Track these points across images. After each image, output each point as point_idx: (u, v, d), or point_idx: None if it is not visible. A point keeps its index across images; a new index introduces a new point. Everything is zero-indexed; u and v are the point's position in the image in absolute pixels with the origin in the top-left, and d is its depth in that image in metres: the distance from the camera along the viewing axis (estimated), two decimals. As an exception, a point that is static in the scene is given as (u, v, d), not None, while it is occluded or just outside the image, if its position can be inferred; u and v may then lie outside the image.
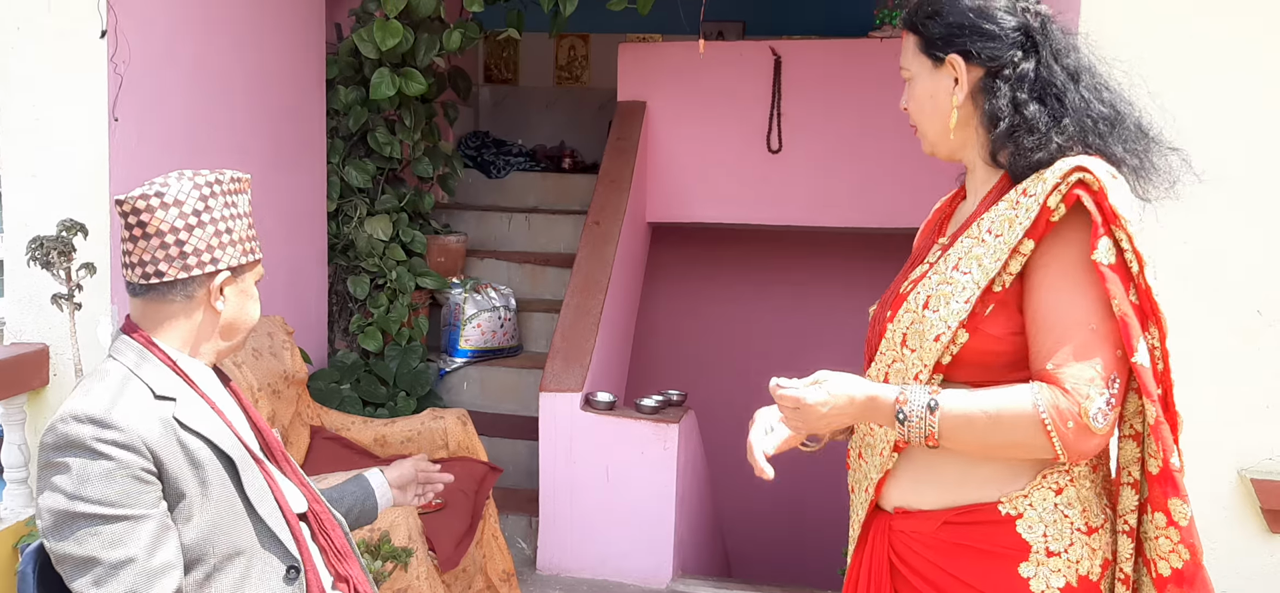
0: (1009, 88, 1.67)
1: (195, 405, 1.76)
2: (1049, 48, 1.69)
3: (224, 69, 3.85)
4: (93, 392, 1.69)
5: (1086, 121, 1.65)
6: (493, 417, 5.04)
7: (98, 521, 1.61)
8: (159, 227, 1.74)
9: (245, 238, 1.83)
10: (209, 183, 1.78)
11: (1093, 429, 1.53)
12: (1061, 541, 1.63)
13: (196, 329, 1.80)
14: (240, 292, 1.83)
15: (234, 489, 1.75)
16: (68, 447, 1.63)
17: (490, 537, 3.83)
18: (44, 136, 3.23)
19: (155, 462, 1.66)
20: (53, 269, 2.93)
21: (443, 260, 5.33)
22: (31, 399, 3.28)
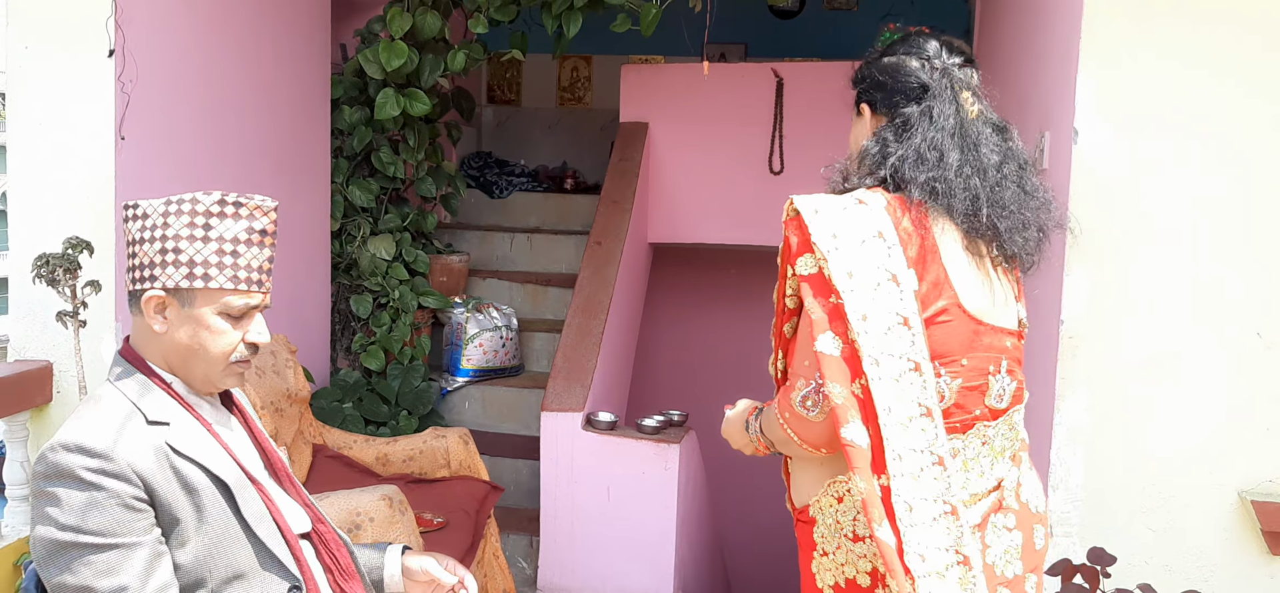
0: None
1: (189, 430, 1.75)
2: (943, 100, 1.89)
3: (230, 88, 3.87)
4: (84, 419, 1.68)
5: (908, 156, 1.86)
6: (494, 436, 5.05)
7: (90, 550, 1.60)
8: (127, 235, 1.76)
9: (205, 263, 1.71)
10: (182, 201, 1.73)
11: (804, 417, 1.80)
12: (832, 543, 1.86)
13: (159, 347, 1.77)
14: (189, 318, 1.73)
15: (231, 512, 1.74)
16: (58, 477, 1.62)
17: (491, 556, 3.83)
18: (51, 154, 3.25)
19: (147, 489, 1.65)
20: (58, 287, 2.94)
21: (445, 280, 5.34)
22: (34, 416, 3.28)
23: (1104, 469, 2.63)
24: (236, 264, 1.74)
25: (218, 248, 1.72)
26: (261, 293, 1.78)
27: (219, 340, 1.75)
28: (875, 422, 1.72)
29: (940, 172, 1.84)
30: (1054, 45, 2.90)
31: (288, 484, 1.90)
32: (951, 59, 1.95)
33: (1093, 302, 2.59)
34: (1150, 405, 2.60)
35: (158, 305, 1.73)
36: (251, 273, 1.75)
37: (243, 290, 1.75)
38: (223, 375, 1.80)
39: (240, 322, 1.77)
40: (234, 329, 1.76)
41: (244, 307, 1.76)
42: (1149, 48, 2.54)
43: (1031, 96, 3.23)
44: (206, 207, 1.73)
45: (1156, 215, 2.56)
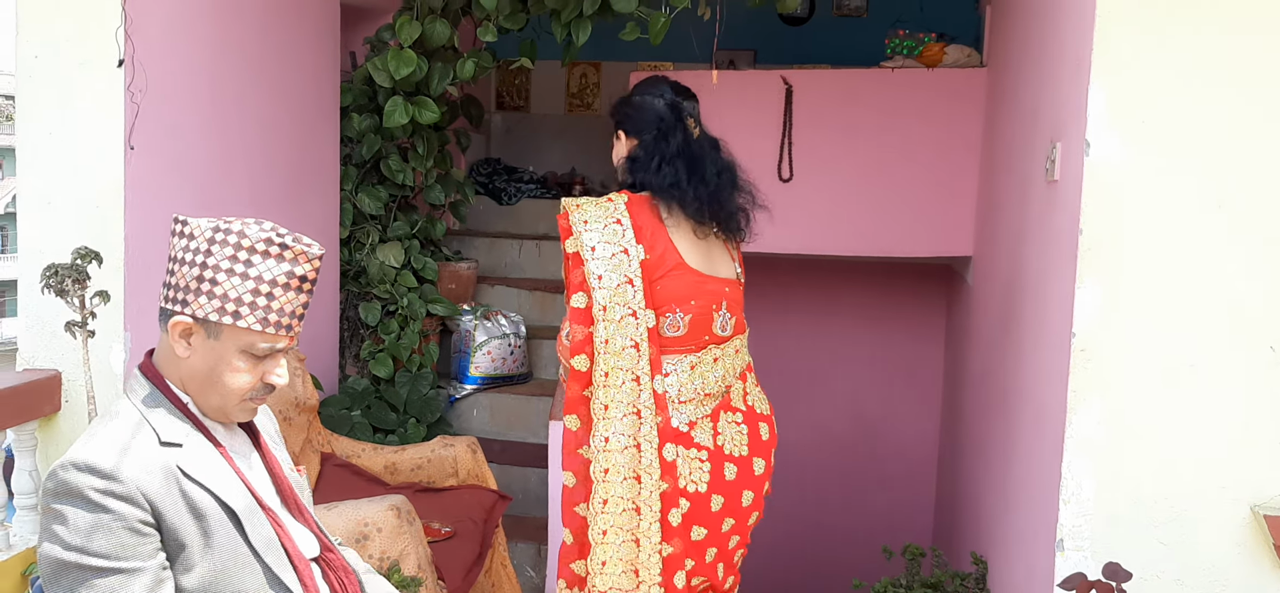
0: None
1: (201, 453, 1.75)
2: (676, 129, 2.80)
3: (239, 97, 3.88)
4: (97, 437, 1.68)
5: (650, 173, 2.76)
6: (502, 444, 5.04)
7: (93, 573, 1.60)
8: (171, 249, 1.75)
9: (238, 301, 1.71)
10: (229, 231, 1.72)
11: (565, 346, 2.72)
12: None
13: (179, 370, 1.77)
14: (212, 350, 1.73)
15: (239, 538, 1.74)
16: (66, 496, 1.62)
17: (499, 565, 3.82)
18: (60, 164, 3.26)
19: (154, 513, 1.65)
20: (67, 297, 2.95)
21: (453, 287, 5.34)
22: (43, 426, 3.29)
23: (1115, 483, 2.61)
24: (269, 307, 1.73)
25: (254, 287, 1.72)
26: (288, 337, 1.77)
27: (238, 378, 1.76)
28: (591, 350, 2.65)
29: (675, 182, 2.74)
30: (1066, 55, 2.88)
31: (295, 512, 1.89)
32: (679, 97, 2.84)
33: (1104, 314, 2.58)
34: (1162, 418, 2.58)
35: (184, 331, 1.73)
36: (282, 317, 1.75)
37: (270, 334, 1.74)
38: (236, 409, 1.80)
39: (262, 362, 1.77)
40: (254, 369, 1.76)
41: (268, 349, 1.76)
42: (1162, 58, 2.52)
43: (1042, 107, 3.21)
44: (252, 242, 1.72)
45: (1169, 227, 2.54)
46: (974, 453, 4.48)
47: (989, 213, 4.46)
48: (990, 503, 3.81)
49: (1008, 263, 3.76)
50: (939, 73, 5.04)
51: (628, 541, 2.70)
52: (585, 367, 2.66)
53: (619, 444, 2.67)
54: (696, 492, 2.73)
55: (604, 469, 2.68)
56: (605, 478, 2.68)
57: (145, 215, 3.33)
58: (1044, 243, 3.03)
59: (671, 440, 2.71)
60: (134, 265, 3.28)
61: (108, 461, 1.63)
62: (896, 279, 6.44)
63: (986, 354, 4.27)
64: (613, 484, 2.68)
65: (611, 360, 2.64)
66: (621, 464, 2.67)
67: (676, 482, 2.71)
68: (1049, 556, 2.70)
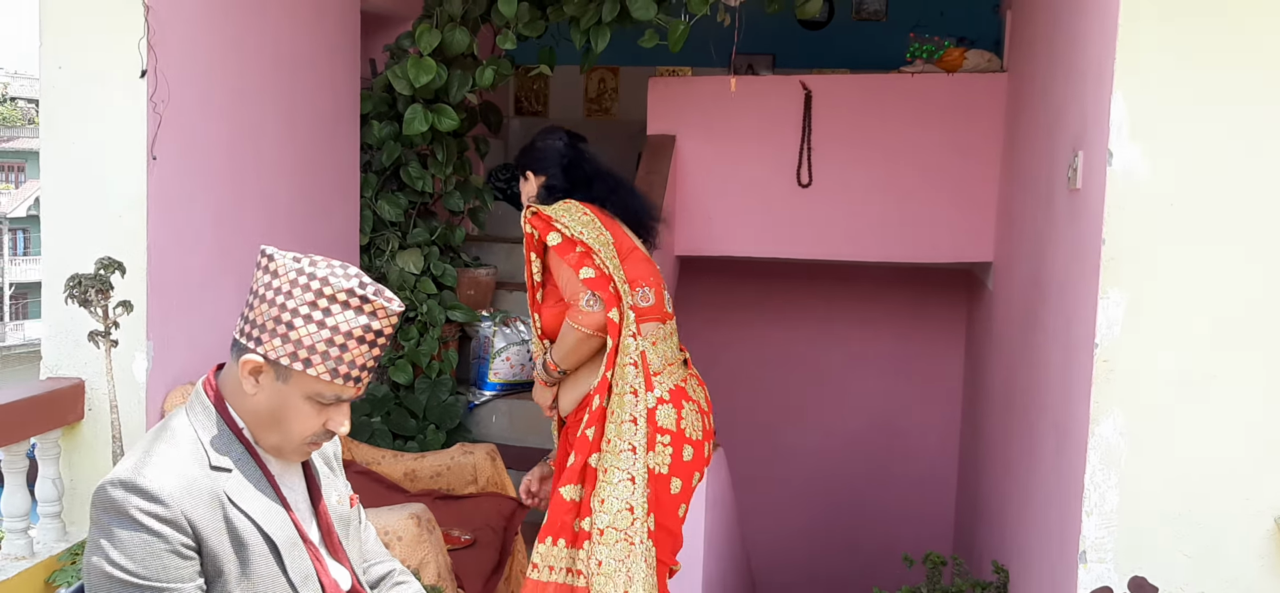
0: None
1: (250, 481, 1.75)
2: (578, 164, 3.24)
3: (261, 107, 3.89)
4: (149, 456, 1.69)
5: (579, 183, 3.19)
6: (521, 450, 5.04)
7: (134, 589, 1.62)
8: (253, 284, 1.75)
9: (311, 348, 1.69)
10: (314, 276, 1.71)
11: (590, 311, 2.95)
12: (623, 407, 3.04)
13: (243, 403, 1.77)
14: (278, 392, 1.73)
15: (278, 570, 1.74)
16: (112, 512, 1.63)
17: (519, 573, 3.82)
18: (83, 174, 3.28)
19: (196, 537, 1.66)
20: (90, 307, 2.96)
21: (472, 293, 5.35)
22: (66, 434, 3.31)
23: (1139, 494, 2.59)
24: (341, 358, 1.71)
25: (329, 336, 1.70)
26: (356, 389, 1.76)
27: (301, 423, 1.75)
28: (621, 307, 2.97)
29: (613, 188, 3.23)
30: (1088, 63, 2.87)
31: (334, 548, 1.90)
32: (573, 139, 3.30)
33: (1127, 324, 2.56)
34: (1186, 429, 2.57)
35: (253, 369, 1.72)
36: (353, 369, 1.73)
37: (338, 385, 1.72)
38: (294, 451, 1.80)
39: (326, 409, 1.76)
40: (318, 415, 1.75)
41: (335, 398, 1.75)
42: (1185, 68, 2.51)
43: (1064, 114, 3.19)
44: (333, 291, 1.70)
45: (1191, 237, 2.52)
46: (995, 461, 4.46)
47: (1010, 219, 4.44)
48: (1012, 512, 3.79)
49: (1029, 270, 3.73)
50: (959, 78, 5.02)
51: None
52: (618, 318, 2.96)
53: (625, 389, 3.02)
54: (660, 473, 3.02)
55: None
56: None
57: (167, 225, 3.34)
58: (1066, 252, 3.02)
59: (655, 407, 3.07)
60: (156, 275, 3.29)
61: (155, 482, 1.64)
62: (916, 285, 6.42)
63: (1007, 361, 4.25)
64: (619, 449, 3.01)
65: (626, 318, 3.00)
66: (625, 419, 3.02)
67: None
68: (1071, 567, 2.68)
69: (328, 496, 1.92)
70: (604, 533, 2.93)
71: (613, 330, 2.96)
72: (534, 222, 3.04)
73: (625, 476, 2.95)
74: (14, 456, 3.14)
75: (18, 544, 3.11)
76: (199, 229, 3.54)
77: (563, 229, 3.00)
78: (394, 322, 1.76)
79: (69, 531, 3.27)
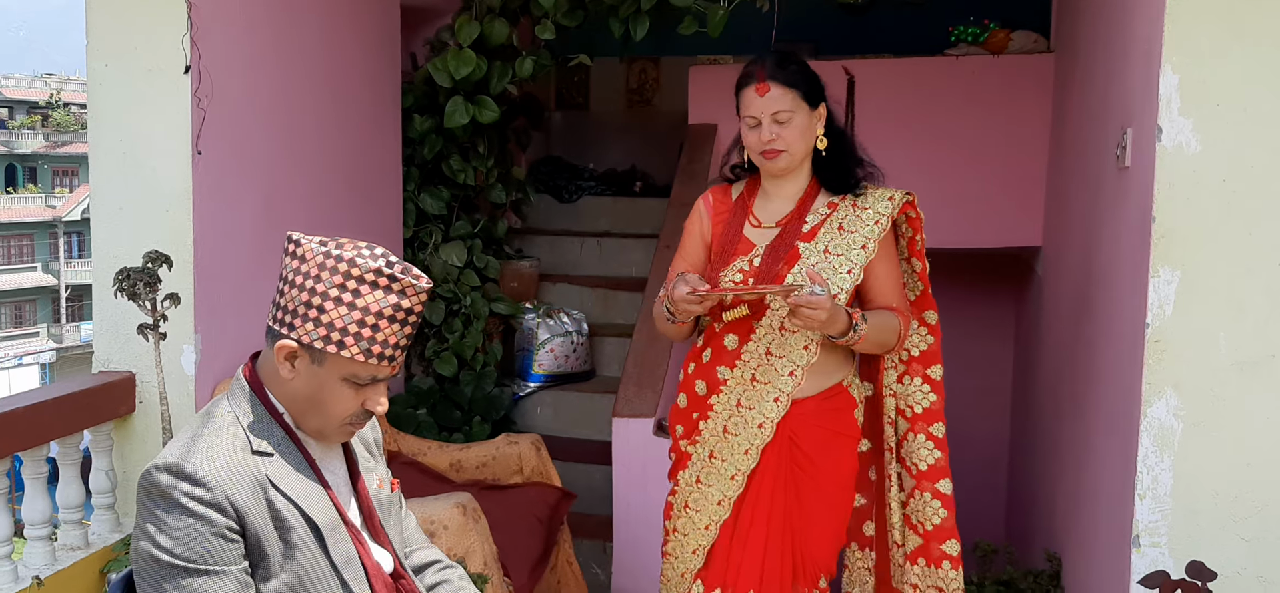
0: (832, 130, 2.71)
1: (291, 465, 1.77)
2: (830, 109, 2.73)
3: (303, 101, 3.93)
4: (194, 441, 1.71)
5: (855, 153, 2.75)
6: (566, 441, 5.05)
7: (180, 573, 1.65)
8: (282, 270, 1.77)
9: (344, 330, 1.71)
10: (341, 257, 1.72)
11: (911, 330, 2.76)
12: (861, 394, 2.78)
13: (281, 389, 1.79)
14: (315, 375, 1.75)
15: (320, 553, 1.76)
16: (159, 497, 1.66)
17: (565, 563, 3.83)
18: (130, 170, 3.32)
19: (240, 520, 1.69)
20: (139, 300, 3.00)
21: (516, 286, 5.36)
22: (118, 427, 3.36)
23: (1193, 477, 2.54)
24: (373, 337, 1.73)
25: (360, 317, 1.72)
26: (390, 368, 1.77)
27: (339, 404, 1.77)
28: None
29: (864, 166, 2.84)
30: (1136, 39, 2.81)
31: (377, 531, 1.91)
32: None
33: (1179, 303, 2.51)
34: (1241, 409, 2.51)
35: (288, 354, 1.74)
36: (386, 348, 1.74)
37: (373, 364, 1.74)
38: (335, 432, 1.83)
39: (362, 389, 1.78)
40: (355, 396, 1.78)
41: (371, 378, 1.76)
42: (1235, 40, 2.45)
43: (1113, 92, 3.13)
44: (361, 271, 1.72)
45: (1245, 213, 2.46)
46: (1046, 448, 4.39)
47: (1058, 202, 4.37)
48: (1063, 499, 3.73)
49: (1079, 253, 3.67)
50: (1005, 60, 4.95)
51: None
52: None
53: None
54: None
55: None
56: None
57: (213, 219, 3.38)
58: (1116, 231, 2.96)
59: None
60: (203, 268, 3.33)
61: (200, 467, 1.66)
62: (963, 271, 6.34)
63: (1058, 347, 4.18)
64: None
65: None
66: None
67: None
68: (1125, 552, 2.64)
69: (368, 479, 1.94)
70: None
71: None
72: (910, 211, 2.77)
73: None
74: (68, 449, 3.19)
75: (73, 535, 3.16)
76: (244, 223, 3.57)
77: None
78: (423, 299, 1.77)
79: (123, 522, 3.32)
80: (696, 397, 2.78)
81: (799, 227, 2.68)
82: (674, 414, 2.88)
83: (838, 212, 2.68)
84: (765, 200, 2.76)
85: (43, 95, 38.66)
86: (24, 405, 3.02)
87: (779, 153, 2.63)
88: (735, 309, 2.69)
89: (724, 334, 2.72)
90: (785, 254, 2.65)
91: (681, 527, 2.80)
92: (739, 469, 2.69)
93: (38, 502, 3.05)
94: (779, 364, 2.64)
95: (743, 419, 2.67)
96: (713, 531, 2.74)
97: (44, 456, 3.10)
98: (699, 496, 2.75)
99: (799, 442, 2.68)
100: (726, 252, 2.73)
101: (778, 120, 2.62)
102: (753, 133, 2.66)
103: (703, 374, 2.77)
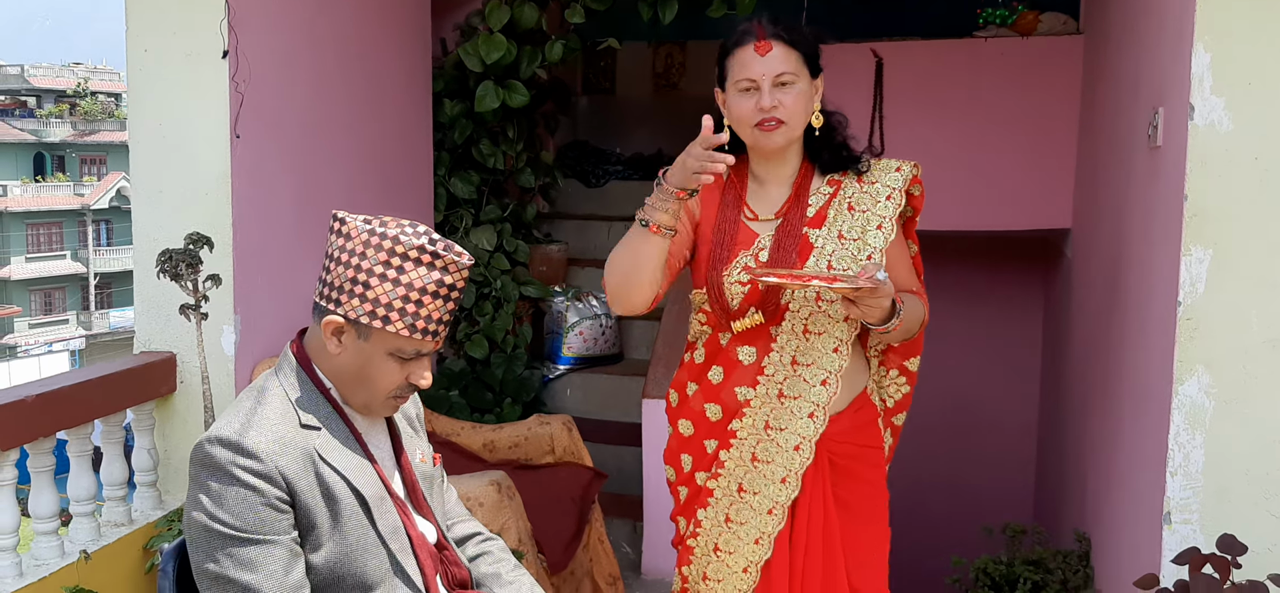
0: (824, 107, 2.40)
1: (338, 439, 1.82)
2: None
3: (337, 86, 3.98)
4: (243, 415, 1.77)
5: (846, 131, 2.47)
6: (596, 423, 5.09)
7: (233, 542, 1.70)
8: (327, 246, 1.82)
9: (389, 306, 1.76)
10: (385, 234, 1.76)
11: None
12: (881, 403, 2.55)
13: (328, 363, 1.84)
14: (361, 350, 1.79)
15: (367, 523, 1.81)
16: (211, 468, 1.72)
17: (597, 541, 3.87)
18: (170, 154, 3.38)
19: (289, 491, 1.74)
20: (181, 281, 3.06)
21: (545, 269, 5.41)
22: (160, 406, 3.42)
23: (1225, 454, 2.55)
24: (417, 313, 1.77)
25: (405, 293, 1.76)
26: (434, 342, 1.82)
27: (385, 378, 1.82)
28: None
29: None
30: (1167, 18, 2.81)
31: (421, 504, 1.96)
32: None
33: (1211, 281, 2.51)
34: (1273, 387, 2.51)
35: (335, 329, 1.79)
36: (430, 323, 1.79)
37: (417, 339, 1.79)
38: (381, 406, 1.88)
39: (407, 364, 1.82)
40: (401, 370, 1.82)
41: (415, 353, 1.81)
42: (1268, 18, 2.45)
43: (1143, 72, 3.14)
44: (405, 248, 1.77)
45: (1277, 191, 2.47)
46: (1076, 429, 4.40)
47: (1089, 184, 4.37)
48: (1094, 479, 3.74)
49: (1110, 234, 3.68)
50: (1034, 41, 4.94)
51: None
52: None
53: None
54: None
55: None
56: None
57: (250, 201, 3.44)
58: (1147, 211, 2.97)
59: None
60: (241, 250, 3.39)
61: (251, 439, 1.72)
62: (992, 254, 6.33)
63: (1088, 328, 4.19)
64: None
65: None
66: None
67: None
68: (1155, 530, 2.65)
69: (411, 454, 1.98)
70: None
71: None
72: (916, 186, 2.52)
73: None
74: (111, 427, 3.26)
75: (117, 512, 3.23)
76: (281, 205, 3.63)
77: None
78: (465, 275, 1.82)
79: (164, 499, 3.39)
80: (709, 424, 2.41)
81: (802, 212, 2.36)
82: (675, 446, 2.51)
83: (843, 189, 2.38)
84: (759, 188, 2.42)
85: (71, 84, 39.01)
86: (68, 385, 3.10)
87: (779, 124, 2.28)
88: (745, 318, 2.34)
89: (736, 347, 2.37)
90: (795, 243, 2.33)
91: (714, 573, 2.43)
92: (777, 502, 2.35)
93: (83, 479, 3.12)
94: (809, 374, 2.33)
95: (774, 444, 2.34)
96: (753, 574, 2.39)
97: (88, 434, 3.17)
98: (731, 537, 2.39)
99: (837, 461, 2.39)
100: (725, 246, 2.38)
101: (780, 84, 2.28)
102: (747, 100, 2.29)
103: (714, 397, 2.40)
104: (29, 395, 2.89)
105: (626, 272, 2.32)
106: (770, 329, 2.34)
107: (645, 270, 2.29)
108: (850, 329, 2.34)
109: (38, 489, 3.00)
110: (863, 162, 2.43)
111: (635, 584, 4.28)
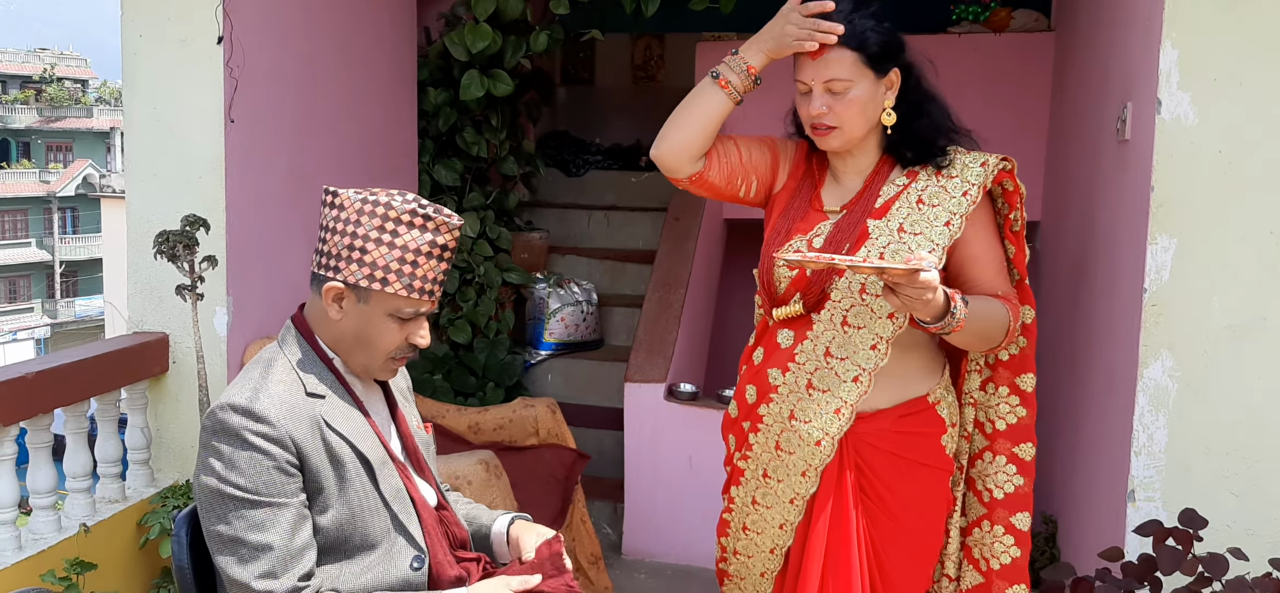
0: (913, 97, 2.33)
1: (342, 406, 1.91)
2: (913, 69, 2.37)
3: (327, 73, 4.03)
4: (253, 384, 1.84)
5: (945, 125, 2.37)
6: (576, 407, 5.17)
7: (244, 505, 1.78)
8: (321, 219, 1.91)
9: (386, 268, 1.85)
10: (377, 202, 1.85)
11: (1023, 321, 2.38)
12: (954, 415, 2.42)
13: (330, 330, 1.93)
14: (362, 314, 1.88)
15: (371, 486, 1.90)
16: (223, 433, 1.80)
17: (579, 521, 3.95)
18: (165, 137, 3.43)
19: (298, 455, 1.82)
20: (178, 262, 3.12)
21: (526, 256, 5.49)
22: (152, 386, 3.47)
23: (1187, 434, 2.66)
24: (414, 273, 1.87)
25: (400, 255, 1.86)
26: (430, 302, 1.92)
27: (385, 339, 1.91)
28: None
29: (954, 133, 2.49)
30: (1136, 14, 2.92)
31: (421, 467, 2.06)
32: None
33: (1176, 269, 2.62)
34: (1234, 371, 2.63)
35: (336, 295, 1.88)
36: (426, 283, 1.89)
37: (415, 298, 1.88)
38: (381, 368, 1.97)
39: (407, 324, 1.92)
40: (400, 330, 1.92)
41: (413, 313, 1.91)
42: (1232, 15, 2.56)
43: (1113, 67, 3.25)
44: (397, 213, 1.86)
45: (1239, 183, 2.58)
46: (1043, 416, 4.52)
47: (1058, 178, 4.49)
48: (1061, 462, 3.86)
49: (1078, 226, 3.79)
50: (1006, 38, 5.05)
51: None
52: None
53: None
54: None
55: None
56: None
57: (244, 185, 3.49)
58: (1115, 202, 3.08)
59: None
60: (234, 233, 3.45)
61: (262, 405, 1.80)
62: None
63: (1056, 319, 4.31)
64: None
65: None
66: None
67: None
68: (1120, 509, 2.76)
69: (409, 419, 2.08)
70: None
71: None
72: (1007, 181, 2.39)
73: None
74: (106, 405, 3.31)
75: (111, 489, 3.29)
76: (273, 190, 3.68)
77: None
78: (456, 235, 1.92)
79: (157, 477, 3.45)
80: (747, 405, 2.42)
81: (868, 205, 2.31)
82: (726, 424, 2.54)
83: (917, 182, 2.30)
84: (833, 183, 2.40)
85: (36, 70, 38.55)
86: (65, 364, 3.14)
87: (830, 130, 2.26)
88: (788, 306, 2.32)
89: (777, 330, 2.36)
90: (853, 233, 2.28)
91: (744, 549, 2.48)
92: (798, 493, 2.34)
93: (79, 456, 3.17)
94: (841, 368, 2.27)
95: (796, 435, 2.30)
96: (779, 557, 2.43)
97: (84, 411, 3.22)
98: (758, 518, 2.42)
99: (869, 468, 2.33)
100: (786, 226, 2.37)
101: (831, 90, 2.24)
102: (803, 103, 2.30)
103: (753, 378, 2.40)
104: (28, 373, 2.95)
105: (683, 108, 2.40)
106: (811, 317, 2.31)
107: (696, 114, 2.36)
108: (894, 328, 2.24)
109: (36, 465, 3.05)
110: (946, 154, 2.33)
111: (616, 564, 4.37)
